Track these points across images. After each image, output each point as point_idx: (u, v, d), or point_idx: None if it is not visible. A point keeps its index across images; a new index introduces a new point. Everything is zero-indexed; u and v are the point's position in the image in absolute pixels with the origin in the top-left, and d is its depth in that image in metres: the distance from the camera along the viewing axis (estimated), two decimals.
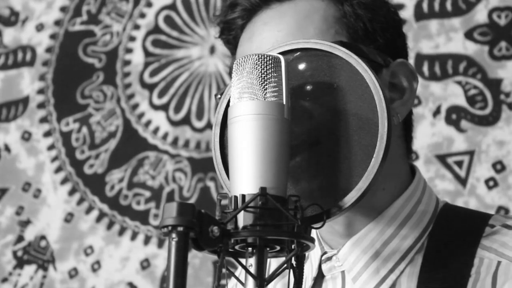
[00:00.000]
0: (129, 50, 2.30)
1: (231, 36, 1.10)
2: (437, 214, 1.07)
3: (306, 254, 1.14)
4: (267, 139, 0.84)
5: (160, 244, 2.14)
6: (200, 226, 0.80)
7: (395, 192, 1.06)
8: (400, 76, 1.06)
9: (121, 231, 2.18)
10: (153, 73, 2.26)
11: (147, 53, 2.28)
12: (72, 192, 2.24)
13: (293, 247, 0.83)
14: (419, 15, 2.00)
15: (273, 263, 1.03)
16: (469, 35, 1.95)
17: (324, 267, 1.07)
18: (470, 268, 0.99)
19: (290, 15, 1.03)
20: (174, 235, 0.79)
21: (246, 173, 0.83)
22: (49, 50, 2.36)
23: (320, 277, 1.08)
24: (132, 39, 2.30)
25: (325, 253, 1.07)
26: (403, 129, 1.09)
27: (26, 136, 2.32)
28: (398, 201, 1.05)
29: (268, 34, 1.03)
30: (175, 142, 2.20)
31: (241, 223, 0.82)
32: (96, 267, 2.17)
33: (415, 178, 1.08)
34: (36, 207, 2.26)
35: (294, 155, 0.89)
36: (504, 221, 1.04)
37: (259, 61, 0.86)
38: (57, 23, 2.37)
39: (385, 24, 1.07)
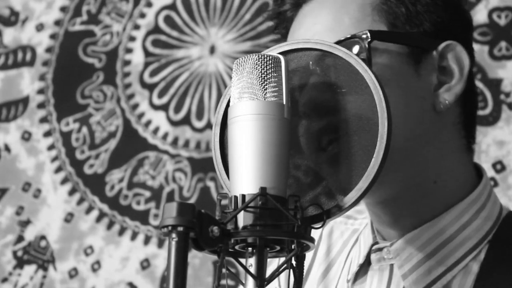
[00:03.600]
0: (129, 50, 2.30)
1: (284, 30, 1.09)
2: (499, 222, 1.04)
3: (354, 236, 1.14)
4: (267, 139, 0.84)
5: (160, 244, 2.14)
6: (200, 226, 0.80)
7: (454, 190, 1.03)
8: (449, 59, 1.03)
9: (121, 231, 2.18)
10: (153, 73, 2.26)
11: (147, 53, 2.28)
12: (72, 192, 2.24)
13: (293, 247, 0.83)
14: None
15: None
16: None
17: (373, 257, 1.05)
18: None
19: (328, 7, 1.02)
20: (174, 235, 0.79)
21: (246, 173, 0.83)
22: (49, 50, 2.36)
23: (366, 265, 1.07)
24: (132, 39, 2.30)
25: (376, 243, 1.06)
26: (461, 116, 1.05)
27: (26, 136, 2.32)
28: (461, 204, 1.02)
29: (305, 27, 1.03)
30: (175, 142, 2.20)
31: (241, 223, 0.82)
32: (96, 267, 2.17)
33: (482, 181, 1.05)
34: (36, 207, 2.26)
35: (294, 155, 0.89)
36: None
37: (259, 61, 0.86)
38: (57, 23, 2.37)
39: (432, 5, 1.03)
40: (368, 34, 0.98)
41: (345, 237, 1.14)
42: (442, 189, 1.03)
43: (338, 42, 0.97)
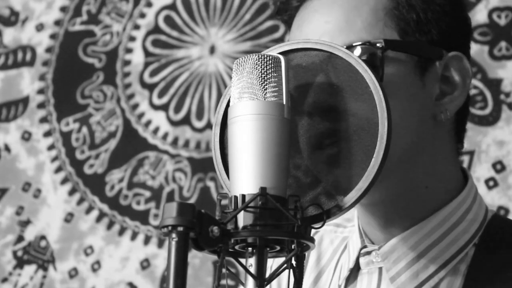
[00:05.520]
0: (129, 50, 2.30)
1: (286, 16, 1.08)
2: (485, 224, 1.05)
3: (343, 243, 1.14)
4: (267, 139, 0.84)
5: (160, 244, 2.14)
6: (200, 226, 0.79)
7: (443, 194, 1.04)
8: (452, 70, 1.04)
9: (121, 231, 2.18)
10: (153, 73, 2.26)
11: (147, 53, 2.28)
12: (72, 192, 2.24)
13: (293, 247, 0.83)
14: None
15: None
16: None
17: (362, 260, 1.06)
18: None
19: (340, 5, 1.02)
20: (174, 235, 0.79)
21: (246, 173, 0.83)
22: (49, 50, 2.36)
23: (356, 269, 1.07)
24: (132, 39, 2.30)
25: (365, 246, 1.06)
26: (455, 122, 1.06)
27: (26, 136, 2.32)
28: (448, 207, 1.03)
29: (316, 24, 1.02)
30: (175, 142, 2.20)
31: (241, 223, 0.82)
32: (96, 267, 2.17)
33: (468, 184, 1.06)
34: (36, 207, 2.26)
35: (294, 155, 0.89)
36: None
37: (259, 61, 0.86)
38: (57, 23, 2.37)
39: (441, 13, 1.03)
40: (383, 43, 0.98)
41: (335, 245, 1.15)
42: (433, 193, 1.04)
43: (351, 46, 0.98)
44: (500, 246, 1.03)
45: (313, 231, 0.86)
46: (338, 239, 1.15)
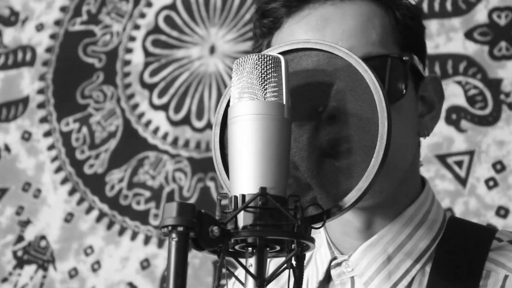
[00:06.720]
0: (129, 50, 2.30)
1: (270, 20, 1.07)
2: (445, 225, 1.08)
3: (307, 254, 1.15)
4: (267, 139, 0.83)
5: (160, 244, 2.14)
6: (200, 226, 0.79)
7: (412, 198, 1.08)
8: (430, 91, 1.09)
9: (121, 231, 2.18)
10: (153, 73, 2.26)
11: (147, 53, 2.28)
12: (72, 192, 2.24)
13: (293, 247, 0.83)
14: None
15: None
16: (469, 35, 1.95)
17: (334, 272, 1.08)
18: (479, 280, 1.01)
19: (352, 16, 1.03)
20: (174, 235, 0.79)
21: (246, 173, 0.83)
22: (49, 50, 2.36)
23: (326, 281, 1.09)
24: (132, 39, 2.30)
25: (335, 258, 1.08)
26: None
27: (26, 136, 2.32)
28: (410, 208, 1.06)
29: (331, 31, 1.02)
30: (175, 142, 2.20)
31: (241, 223, 0.82)
32: (96, 267, 2.17)
33: (426, 187, 1.10)
34: (36, 207, 2.26)
35: (294, 155, 0.89)
36: (511, 237, 1.06)
37: (259, 61, 0.86)
38: (57, 23, 2.37)
39: (422, 33, 1.09)
40: (408, 57, 1.02)
41: None
42: (407, 199, 1.08)
43: (374, 57, 1.00)
44: (460, 246, 1.05)
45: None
46: None
